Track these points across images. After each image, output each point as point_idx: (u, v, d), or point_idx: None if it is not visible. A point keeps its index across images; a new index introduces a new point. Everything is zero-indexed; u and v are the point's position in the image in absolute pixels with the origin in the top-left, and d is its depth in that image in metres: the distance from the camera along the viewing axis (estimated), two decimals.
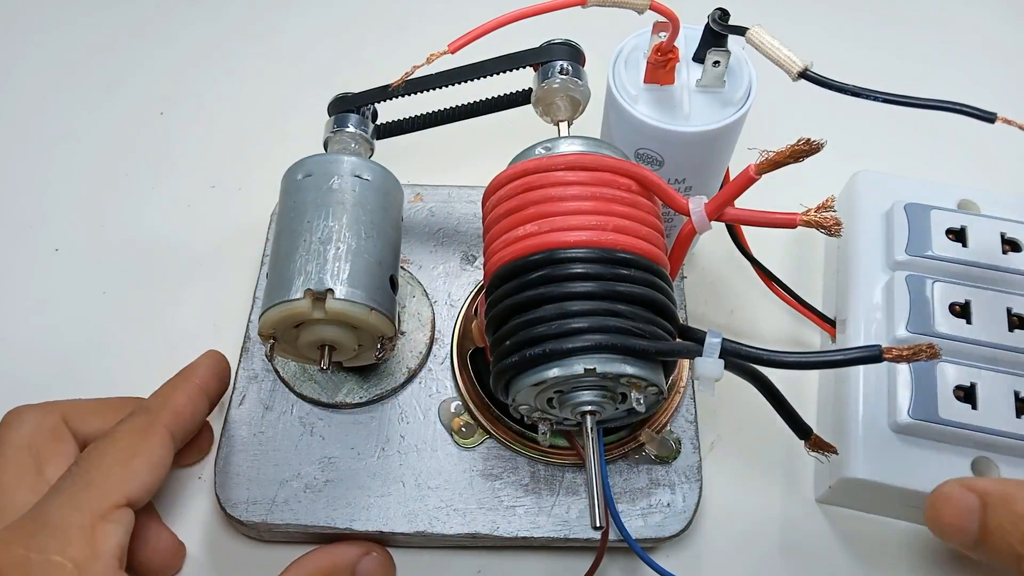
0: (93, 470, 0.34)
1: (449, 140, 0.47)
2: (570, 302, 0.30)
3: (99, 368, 0.45)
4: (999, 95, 0.56)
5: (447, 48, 0.30)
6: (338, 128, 0.41)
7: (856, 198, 0.46)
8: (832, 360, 0.29)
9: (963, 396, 0.38)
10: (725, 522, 0.41)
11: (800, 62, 0.30)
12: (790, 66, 0.31)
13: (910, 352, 0.29)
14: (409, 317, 0.43)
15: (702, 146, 0.37)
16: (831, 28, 0.60)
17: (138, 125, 0.55)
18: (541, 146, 0.34)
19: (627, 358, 0.30)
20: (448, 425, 0.41)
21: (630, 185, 0.32)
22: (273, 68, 0.58)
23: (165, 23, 0.60)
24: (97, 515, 0.33)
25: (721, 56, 0.35)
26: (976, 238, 0.42)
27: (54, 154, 0.54)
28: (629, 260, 0.31)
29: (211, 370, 0.41)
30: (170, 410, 0.37)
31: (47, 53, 0.59)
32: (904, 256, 0.42)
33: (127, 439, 0.35)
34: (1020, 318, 0.40)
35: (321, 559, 0.37)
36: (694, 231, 0.33)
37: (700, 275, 0.48)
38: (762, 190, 0.50)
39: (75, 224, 0.51)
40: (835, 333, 0.44)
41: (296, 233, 0.36)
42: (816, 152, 0.29)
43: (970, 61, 0.59)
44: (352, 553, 0.37)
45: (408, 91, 0.40)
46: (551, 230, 0.31)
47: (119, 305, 0.48)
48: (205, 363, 0.41)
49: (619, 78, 0.37)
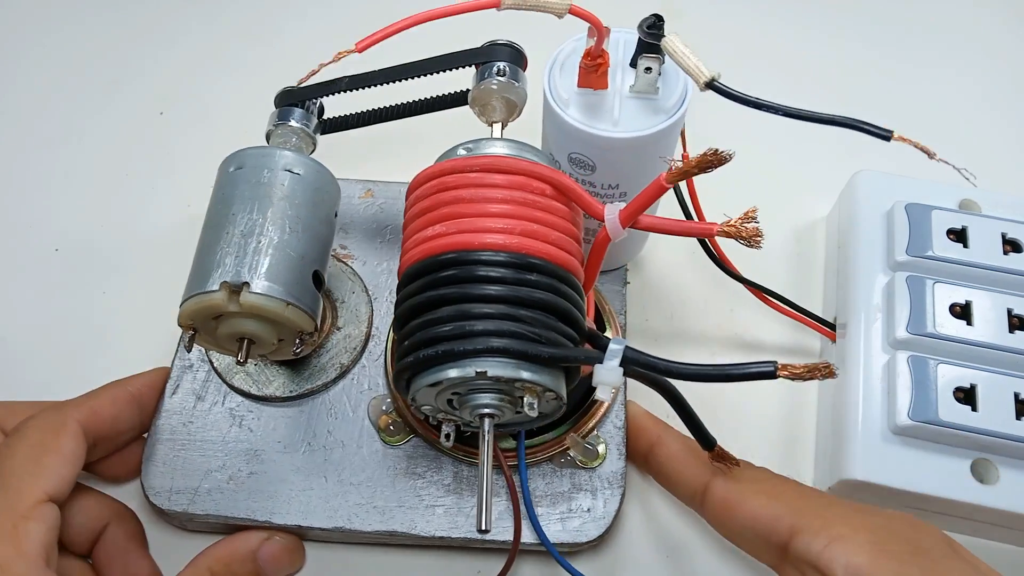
0: (4, 470, 0.34)
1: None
2: (470, 304, 0.30)
3: (99, 368, 0.44)
4: (1002, 95, 0.56)
5: (355, 47, 0.30)
6: (281, 121, 0.41)
7: (856, 198, 0.45)
8: (727, 374, 0.29)
9: (963, 398, 0.38)
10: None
11: (708, 72, 0.30)
12: (698, 75, 0.30)
13: (805, 370, 0.28)
14: (347, 312, 0.43)
15: (632, 152, 0.36)
16: (833, 29, 0.60)
17: (138, 125, 0.55)
18: (463, 147, 0.34)
19: (523, 363, 0.30)
20: (376, 422, 0.41)
21: (544, 189, 0.32)
22: (273, 68, 0.58)
23: (165, 23, 0.60)
24: (17, 515, 0.32)
25: (652, 63, 0.35)
26: (977, 238, 0.41)
27: (54, 154, 0.54)
28: (534, 265, 0.31)
29: (151, 384, 0.41)
30: (86, 408, 0.37)
31: (47, 53, 0.59)
32: (905, 257, 0.42)
33: (36, 435, 0.35)
34: (1021, 319, 0.39)
35: (220, 550, 0.37)
36: (609, 238, 0.32)
37: (699, 283, 0.48)
38: (761, 190, 0.51)
39: (75, 224, 0.51)
40: (835, 337, 0.44)
41: (220, 225, 0.36)
42: (723, 163, 0.29)
43: (970, 60, 0.58)
44: (252, 540, 0.38)
45: (352, 87, 0.40)
46: (458, 231, 0.31)
47: (119, 305, 0.48)
48: (148, 376, 0.41)
49: (553, 82, 0.37)
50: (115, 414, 0.38)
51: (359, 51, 0.31)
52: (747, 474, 0.35)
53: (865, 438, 0.38)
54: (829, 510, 0.32)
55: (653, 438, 0.39)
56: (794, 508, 0.32)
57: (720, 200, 0.49)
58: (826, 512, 0.32)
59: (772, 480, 0.35)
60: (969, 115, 0.55)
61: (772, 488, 0.34)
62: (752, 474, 0.35)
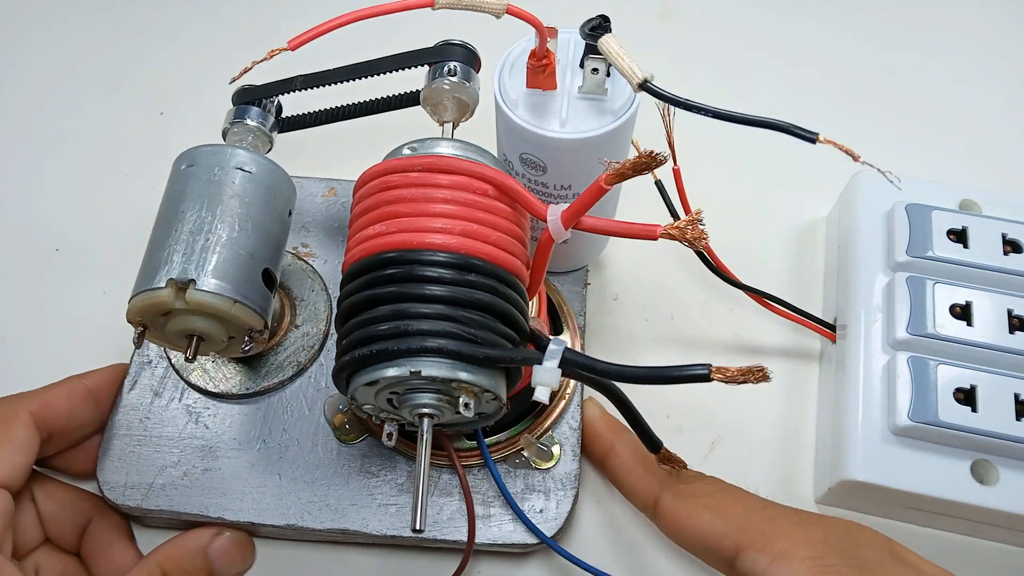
0: None
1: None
2: (407, 304, 0.30)
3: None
4: (1003, 95, 0.56)
5: (287, 44, 0.30)
6: (237, 119, 0.41)
7: (857, 198, 0.45)
8: (662, 376, 0.29)
9: (963, 398, 0.38)
10: None
11: (641, 73, 0.30)
12: (631, 76, 0.30)
13: (739, 373, 0.28)
14: (306, 311, 0.44)
15: (580, 153, 0.36)
16: (834, 28, 0.60)
17: (138, 125, 0.55)
18: (408, 146, 0.34)
19: (460, 363, 0.30)
20: (331, 420, 0.41)
21: (487, 190, 0.32)
22: (274, 68, 0.58)
23: (165, 23, 0.60)
24: None
25: (599, 64, 0.35)
26: (977, 239, 0.41)
27: (54, 154, 0.54)
28: (474, 265, 0.31)
29: (109, 379, 0.41)
30: (39, 399, 0.37)
31: (47, 53, 0.59)
32: (905, 257, 0.41)
33: None
34: (1021, 320, 0.39)
35: (169, 549, 0.37)
36: (552, 239, 0.32)
37: (700, 283, 0.48)
38: (761, 190, 0.51)
39: (75, 224, 0.51)
40: (835, 337, 0.44)
41: (170, 222, 0.36)
42: (659, 165, 0.29)
43: (971, 60, 0.58)
44: (203, 536, 0.38)
45: (306, 86, 0.40)
46: (398, 231, 0.31)
47: (119, 305, 0.48)
48: (106, 371, 0.41)
49: (503, 82, 0.37)
50: (70, 408, 0.39)
51: (292, 49, 0.31)
52: (696, 487, 0.35)
53: (865, 439, 0.38)
54: (772, 524, 0.33)
55: (607, 446, 0.39)
56: (739, 525, 0.33)
57: (720, 200, 0.50)
58: (769, 527, 0.32)
59: (720, 494, 0.35)
60: (970, 115, 0.55)
61: (719, 503, 0.34)
62: (701, 487, 0.35)
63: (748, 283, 0.44)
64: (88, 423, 0.40)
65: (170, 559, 0.37)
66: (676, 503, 0.35)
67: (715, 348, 0.46)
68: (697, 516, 0.34)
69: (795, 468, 0.43)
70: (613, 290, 0.48)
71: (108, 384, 0.41)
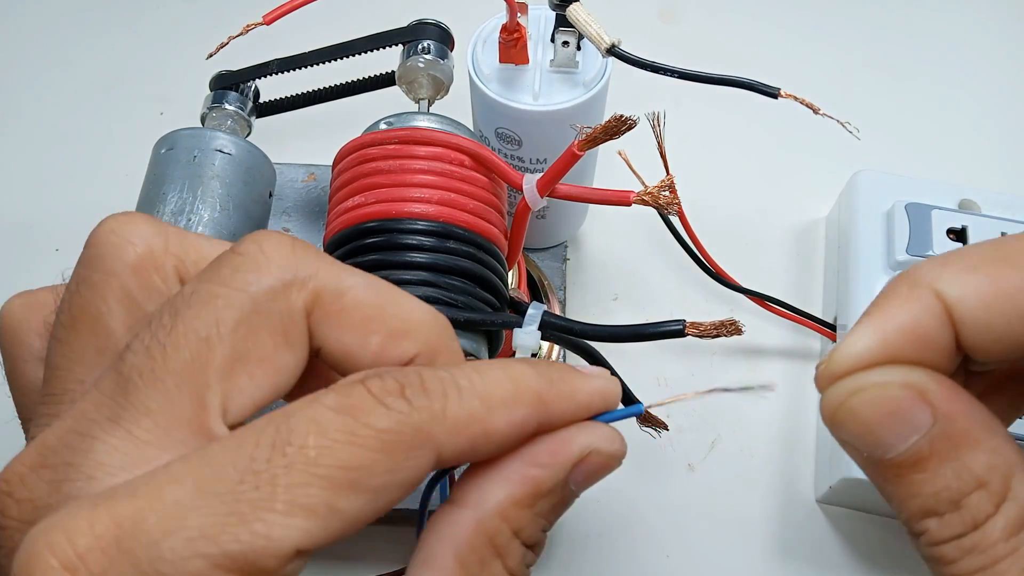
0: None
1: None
2: (388, 271, 0.31)
3: None
4: (1002, 95, 0.56)
5: (262, 19, 0.31)
6: (215, 104, 0.42)
7: (856, 198, 0.45)
8: (638, 333, 0.30)
9: None
10: (724, 521, 0.41)
11: (608, 39, 0.31)
12: (599, 42, 0.31)
13: (711, 326, 0.29)
14: None
15: (553, 125, 0.37)
16: (833, 28, 0.60)
17: (138, 125, 0.55)
18: (384, 121, 0.35)
19: None
20: None
21: (463, 160, 0.33)
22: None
23: (165, 22, 0.60)
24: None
25: (569, 36, 0.36)
26: (977, 238, 0.42)
27: (55, 154, 0.54)
28: (453, 232, 0.32)
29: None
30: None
31: (47, 52, 0.59)
32: (905, 256, 0.42)
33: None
34: None
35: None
36: (528, 207, 0.33)
37: (699, 284, 0.48)
38: (761, 190, 0.52)
39: (75, 224, 0.51)
40: (835, 337, 0.44)
41: (151, 204, 0.37)
42: (630, 128, 0.30)
43: (971, 61, 0.58)
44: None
45: (282, 69, 0.41)
46: (377, 201, 0.32)
47: None
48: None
49: (476, 57, 0.38)
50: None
51: (267, 23, 0.31)
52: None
53: None
54: None
55: None
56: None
57: (720, 200, 0.51)
58: None
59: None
60: (969, 115, 0.55)
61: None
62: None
63: (748, 283, 0.45)
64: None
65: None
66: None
67: (715, 348, 0.46)
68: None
69: (795, 466, 0.43)
70: (613, 290, 0.48)
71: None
